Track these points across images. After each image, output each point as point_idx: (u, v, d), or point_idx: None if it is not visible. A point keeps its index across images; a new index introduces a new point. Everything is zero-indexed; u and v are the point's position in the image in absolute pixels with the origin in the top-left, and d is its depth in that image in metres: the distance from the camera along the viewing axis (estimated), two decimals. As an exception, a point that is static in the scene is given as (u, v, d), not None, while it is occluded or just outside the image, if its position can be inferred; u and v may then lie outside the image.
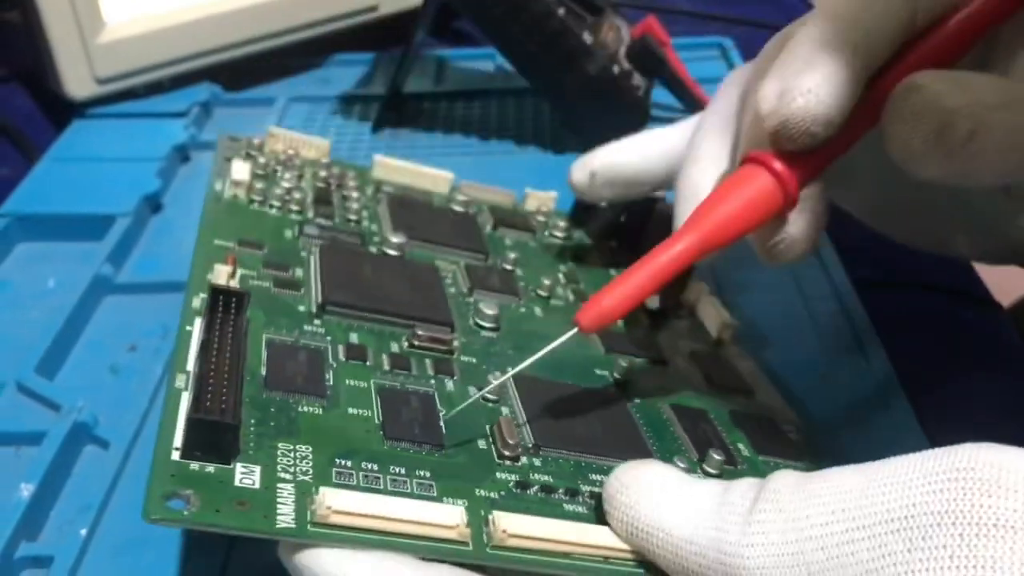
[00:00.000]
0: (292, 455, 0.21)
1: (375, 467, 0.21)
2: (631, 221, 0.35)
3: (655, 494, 0.20)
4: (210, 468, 0.20)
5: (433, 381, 0.25)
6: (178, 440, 0.20)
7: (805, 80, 0.22)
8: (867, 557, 0.17)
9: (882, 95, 0.23)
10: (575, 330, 0.23)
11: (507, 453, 0.23)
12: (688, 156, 0.29)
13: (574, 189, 0.34)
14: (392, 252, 0.30)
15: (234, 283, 0.25)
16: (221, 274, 0.25)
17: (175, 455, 0.20)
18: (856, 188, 0.30)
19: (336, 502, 0.19)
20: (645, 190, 0.33)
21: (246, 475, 0.20)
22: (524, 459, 0.23)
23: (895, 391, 0.33)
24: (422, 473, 0.21)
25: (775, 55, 0.24)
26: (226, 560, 0.27)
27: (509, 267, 0.32)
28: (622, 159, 0.32)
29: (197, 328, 0.23)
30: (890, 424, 0.32)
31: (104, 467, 0.30)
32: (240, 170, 0.32)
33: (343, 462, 0.21)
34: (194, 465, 0.20)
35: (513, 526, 0.20)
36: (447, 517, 0.19)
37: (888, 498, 0.17)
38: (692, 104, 0.50)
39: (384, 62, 0.59)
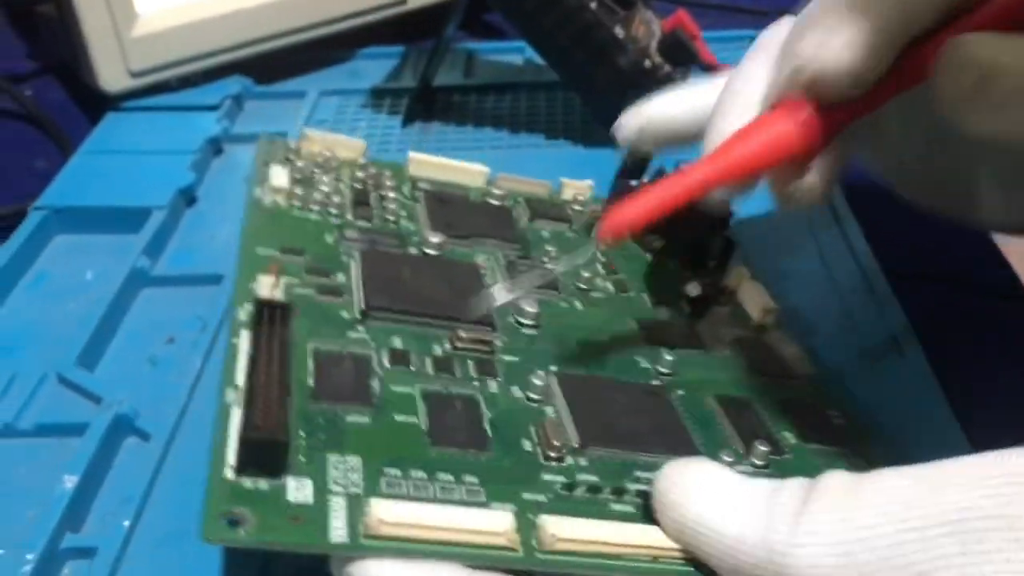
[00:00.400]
0: (342, 467, 0.21)
1: (423, 475, 0.21)
2: None
3: (705, 492, 0.20)
4: (263, 485, 0.20)
5: (476, 383, 0.25)
6: (232, 458, 0.20)
7: (841, 35, 0.23)
8: (919, 559, 0.17)
9: (920, 60, 0.23)
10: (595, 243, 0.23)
11: (552, 454, 0.23)
12: (716, 109, 0.28)
13: (621, 140, 0.32)
14: (432, 252, 0.31)
15: (278, 294, 0.25)
16: (265, 285, 0.25)
17: (229, 474, 0.20)
18: (884, 148, 0.29)
19: (388, 514, 0.19)
20: (689, 142, 0.32)
21: (299, 489, 0.20)
22: (569, 459, 0.23)
23: (930, 385, 0.33)
24: (470, 479, 0.21)
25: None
26: (269, 552, 0.27)
27: (548, 262, 0.32)
28: (674, 111, 0.32)
29: (244, 340, 0.23)
30: (925, 417, 0.31)
31: (145, 459, 0.30)
32: (279, 176, 0.32)
33: (392, 471, 0.21)
34: (248, 483, 0.20)
35: (562, 530, 0.20)
36: (496, 524, 0.20)
37: (941, 500, 0.17)
38: (724, 98, 0.50)
39: (414, 55, 0.59)
